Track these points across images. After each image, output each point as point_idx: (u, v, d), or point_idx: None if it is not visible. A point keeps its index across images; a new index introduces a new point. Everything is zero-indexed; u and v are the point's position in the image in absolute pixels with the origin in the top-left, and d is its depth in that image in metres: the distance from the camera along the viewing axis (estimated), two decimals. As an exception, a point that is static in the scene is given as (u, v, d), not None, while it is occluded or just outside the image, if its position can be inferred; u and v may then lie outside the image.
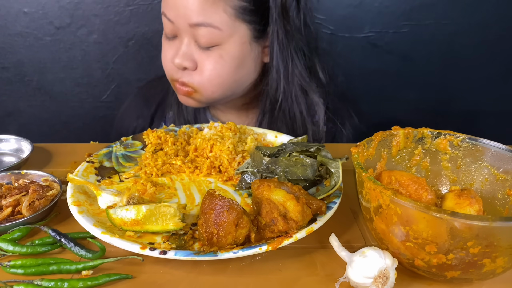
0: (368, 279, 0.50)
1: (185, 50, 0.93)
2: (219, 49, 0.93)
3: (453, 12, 1.47)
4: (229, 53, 0.94)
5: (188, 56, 0.93)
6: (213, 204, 0.56)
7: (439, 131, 0.66)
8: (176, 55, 0.94)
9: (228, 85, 0.98)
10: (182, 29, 0.91)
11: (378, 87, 1.54)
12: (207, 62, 0.93)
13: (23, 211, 0.62)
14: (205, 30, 0.89)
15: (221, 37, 0.91)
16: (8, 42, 1.41)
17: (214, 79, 0.95)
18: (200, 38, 0.90)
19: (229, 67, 0.95)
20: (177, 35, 0.94)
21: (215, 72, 0.94)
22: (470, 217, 0.47)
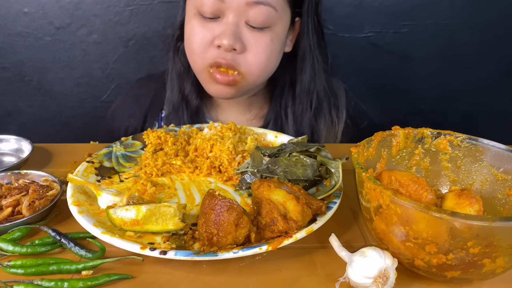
0: (368, 279, 0.50)
1: (233, 29, 0.88)
2: (270, 30, 0.91)
3: (453, 12, 1.47)
4: (278, 36, 0.93)
5: (238, 37, 0.88)
6: (213, 204, 0.56)
7: (439, 131, 0.66)
8: (222, 36, 0.88)
9: (269, 70, 0.97)
10: (233, 7, 0.87)
11: (378, 87, 1.54)
12: (259, 43, 0.90)
13: (23, 211, 0.62)
14: (264, 9, 0.87)
15: (275, 18, 0.90)
16: (8, 42, 1.40)
17: (263, 62, 0.92)
18: (255, 17, 0.87)
19: (276, 51, 0.94)
20: (220, 14, 0.89)
21: (264, 56, 0.91)
22: (470, 217, 0.47)
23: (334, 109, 1.10)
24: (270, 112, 1.08)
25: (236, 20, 0.88)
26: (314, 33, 1.01)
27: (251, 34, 0.89)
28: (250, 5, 0.86)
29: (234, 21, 0.88)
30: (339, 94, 1.12)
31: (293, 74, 1.05)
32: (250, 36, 0.89)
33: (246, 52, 0.90)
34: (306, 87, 1.04)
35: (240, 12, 0.87)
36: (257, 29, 0.89)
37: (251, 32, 0.89)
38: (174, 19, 1.09)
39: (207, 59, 0.92)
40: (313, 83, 1.04)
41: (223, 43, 0.88)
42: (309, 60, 1.02)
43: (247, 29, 0.89)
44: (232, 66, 0.90)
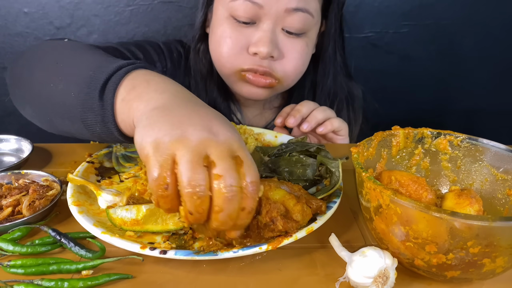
0: (368, 279, 0.50)
1: (270, 36, 0.86)
2: (305, 36, 0.91)
3: (453, 12, 1.47)
4: (312, 41, 0.94)
5: (275, 44, 0.88)
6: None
7: (439, 131, 0.66)
8: (259, 43, 0.86)
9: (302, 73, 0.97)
10: (272, 13, 0.85)
11: (378, 87, 1.54)
12: (295, 50, 0.89)
13: (23, 211, 0.62)
14: (302, 16, 0.87)
15: (311, 24, 0.90)
16: (8, 42, 1.40)
17: (299, 67, 0.92)
18: (294, 23, 0.87)
19: (309, 54, 0.94)
20: (256, 20, 0.87)
21: (301, 61, 0.92)
22: (470, 217, 0.47)
23: (352, 111, 1.12)
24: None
25: (273, 27, 0.87)
26: (339, 36, 1.03)
27: (287, 40, 0.89)
28: (289, 12, 0.85)
29: (271, 28, 0.87)
30: (357, 95, 1.14)
31: (314, 76, 1.05)
32: (286, 42, 0.89)
33: (283, 58, 0.90)
34: (327, 89, 1.05)
35: (278, 19, 0.86)
36: (293, 35, 0.89)
37: (287, 38, 0.89)
38: (175, 20, 1.09)
39: (238, 63, 0.90)
40: (334, 85, 1.06)
41: (260, 50, 0.86)
42: (332, 63, 1.04)
43: (283, 35, 0.88)
44: (268, 73, 0.90)
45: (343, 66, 1.08)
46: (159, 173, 0.45)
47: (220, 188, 0.45)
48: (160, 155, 0.45)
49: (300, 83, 1.04)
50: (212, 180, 0.45)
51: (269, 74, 0.90)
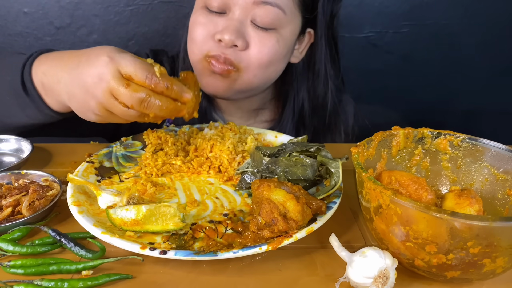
0: (368, 279, 0.50)
1: (237, 26, 0.87)
2: (276, 32, 0.89)
3: (453, 12, 1.47)
4: (284, 40, 0.91)
5: (241, 34, 0.87)
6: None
7: (439, 131, 0.66)
8: (224, 31, 0.86)
9: (269, 73, 0.95)
10: (241, 4, 0.86)
11: (378, 87, 1.54)
12: (263, 43, 0.88)
13: (23, 211, 0.62)
14: (271, 9, 0.86)
15: (282, 21, 0.89)
16: (8, 42, 1.40)
17: (264, 61, 0.90)
18: (261, 17, 0.86)
19: (280, 54, 0.92)
20: (226, 10, 0.88)
21: (267, 56, 0.90)
22: (470, 217, 0.47)
23: (343, 126, 1.11)
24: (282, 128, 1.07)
25: (241, 18, 0.87)
26: (327, 47, 1.01)
27: (255, 33, 0.88)
28: (257, 4, 0.86)
29: (239, 18, 0.87)
30: (348, 110, 1.13)
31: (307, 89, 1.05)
32: (254, 34, 0.88)
33: (249, 49, 0.89)
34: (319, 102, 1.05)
35: (247, 10, 0.87)
36: (262, 29, 0.88)
37: (255, 31, 0.88)
38: (175, 20, 1.09)
39: (204, 50, 0.91)
40: (327, 98, 1.04)
41: (224, 37, 0.86)
42: (322, 75, 1.02)
43: (252, 28, 0.88)
44: (230, 61, 0.89)
45: (335, 79, 1.07)
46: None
47: (138, 108, 0.66)
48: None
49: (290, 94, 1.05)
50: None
51: (229, 62, 0.89)
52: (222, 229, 0.62)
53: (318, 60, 1.01)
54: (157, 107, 0.66)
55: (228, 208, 0.67)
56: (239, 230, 0.61)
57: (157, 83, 0.65)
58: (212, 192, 0.72)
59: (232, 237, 0.60)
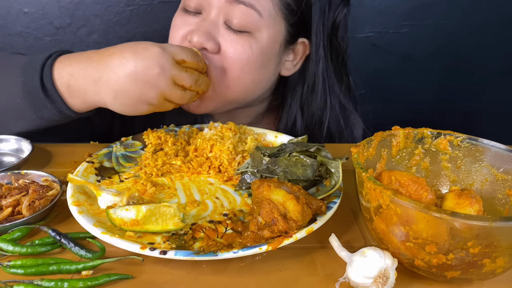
0: (368, 279, 0.50)
1: (208, 28, 0.83)
2: (250, 36, 0.83)
3: (453, 12, 1.47)
4: (259, 45, 0.84)
5: (211, 36, 0.83)
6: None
7: (439, 131, 0.66)
8: (194, 32, 0.83)
9: (246, 84, 0.88)
10: (214, 3, 0.83)
11: (378, 87, 1.54)
12: (235, 47, 0.83)
13: (23, 211, 0.62)
14: (245, 10, 0.81)
15: (258, 24, 0.83)
16: (8, 42, 1.40)
17: (234, 68, 0.84)
18: (235, 17, 0.81)
19: (255, 61, 0.85)
20: (202, 10, 0.85)
21: (239, 62, 0.83)
22: (470, 217, 0.47)
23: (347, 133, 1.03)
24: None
25: (214, 18, 0.83)
26: (326, 60, 0.93)
27: (228, 35, 0.83)
28: (230, 3, 0.82)
29: (212, 19, 0.83)
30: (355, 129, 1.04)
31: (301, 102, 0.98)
32: (227, 37, 0.83)
33: (219, 53, 0.84)
34: (317, 118, 0.98)
35: (221, 10, 0.83)
36: (235, 32, 0.83)
37: (228, 33, 0.83)
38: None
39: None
40: (324, 116, 0.97)
41: (193, 39, 0.82)
42: (319, 91, 0.95)
43: (225, 30, 0.83)
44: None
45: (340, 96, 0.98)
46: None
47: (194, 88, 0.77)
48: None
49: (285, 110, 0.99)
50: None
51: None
52: (222, 229, 0.62)
53: (312, 74, 0.94)
54: (206, 83, 0.79)
55: (228, 208, 0.67)
56: (239, 230, 0.61)
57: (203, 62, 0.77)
58: (212, 192, 0.72)
59: (232, 237, 0.60)
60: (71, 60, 0.75)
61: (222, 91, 0.87)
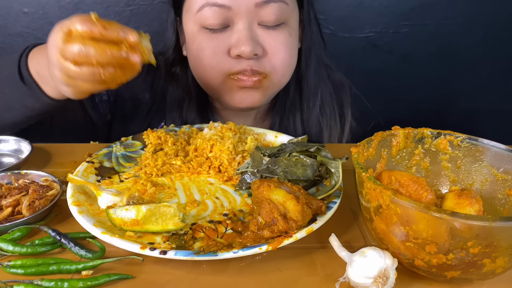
0: (368, 279, 0.50)
1: (249, 34, 0.84)
2: (285, 26, 0.88)
3: (453, 12, 1.47)
4: (294, 30, 0.90)
5: (256, 41, 0.85)
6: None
7: (439, 131, 0.66)
8: (240, 44, 0.83)
9: (293, 67, 0.94)
10: (242, 12, 0.83)
11: (378, 87, 1.54)
12: (277, 42, 0.86)
13: (23, 211, 0.62)
14: (275, 6, 0.84)
15: (288, 12, 0.87)
16: (8, 42, 1.40)
17: (286, 59, 0.89)
18: (268, 16, 0.84)
19: (295, 45, 0.92)
20: (229, 23, 0.85)
21: (288, 52, 0.89)
22: (470, 217, 0.47)
23: (339, 107, 1.07)
24: (276, 114, 1.04)
25: (248, 25, 0.84)
26: (314, 26, 0.99)
27: (267, 34, 0.86)
28: (259, 5, 0.83)
29: (247, 26, 0.84)
30: (344, 91, 1.09)
31: (298, 72, 1.01)
32: (267, 36, 0.86)
33: (268, 53, 0.87)
34: (313, 84, 1.02)
35: (251, 15, 0.84)
36: (272, 28, 0.86)
37: (267, 32, 0.86)
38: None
39: (224, 69, 0.87)
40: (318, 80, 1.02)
41: (242, 50, 0.83)
42: (314, 55, 1.00)
43: (262, 30, 0.86)
44: (257, 71, 0.87)
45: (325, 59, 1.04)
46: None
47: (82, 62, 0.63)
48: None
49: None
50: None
51: (257, 72, 0.87)
52: (222, 229, 0.62)
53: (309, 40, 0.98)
54: (95, 52, 0.60)
55: (228, 208, 0.67)
56: (239, 230, 0.61)
57: (92, 28, 0.61)
58: (212, 192, 0.72)
59: (232, 237, 0.60)
60: (40, 49, 0.78)
61: (278, 81, 0.92)
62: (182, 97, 1.01)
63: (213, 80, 0.90)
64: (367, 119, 1.14)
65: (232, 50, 0.85)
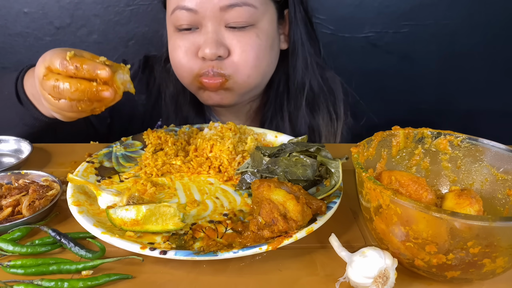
0: (368, 279, 0.50)
1: (214, 37, 0.87)
2: (254, 28, 0.89)
3: (453, 12, 1.47)
4: (264, 32, 0.90)
5: (220, 43, 0.87)
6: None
7: (439, 131, 0.66)
8: (204, 46, 0.87)
9: (263, 68, 0.94)
10: (208, 15, 0.86)
11: (378, 87, 1.54)
12: (243, 43, 0.88)
13: (23, 211, 0.62)
14: (241, 10, 0.85)
15: (256, 15, 0.88)
16: (8, 42, 1.40)
17: (251, 60, 0.90)
18: (234, 19, 0.86)
19: (265, 46, 0.91)
20: (198, 25, 0.88)
21: (253, 53, 0.89)
22: (470, 217, 0.47)
23: (331, 104, 1.08)
24: (267, 112, 1.05)
25: (214, 27, 0.87)
26: (303, 24, 0.99)
27: (233, 36, 0.88)
28: (224, 9, 0.85)
29: (213, 29, 0.87)
30: (335, 88, 1.10)
31: (287, 71, 1.02)
32: (233, 37, 0.88)
33: (232, 54, 0.88)
34: (300, 82, 1.02)
35: (217, 18, 0.86)
36: (238, 29, 0.87)
37: (233, 34, 0.87)
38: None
39: (193, 70, 0.91)
40: (306, 77, 1.02)
41: (205, 53, 0.87)
42: (300, 53, 1.00)
43: (228, 32, 0.87)
44: (219, 73, 0.89)
45: (315, 57, 1.04)
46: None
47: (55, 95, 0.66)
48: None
49: (274, 79, 1.02)
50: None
51: (219, 74, 0.89)
52: (222, 229, 0.62)
53: (295, 38, 0.99)
54: (67, 90, 0.64)
55: (228, 208, 0.67)
56: (239, 230, 0.61)
57: (66, 66, 0.64)
58: (212, 192, 0.72)
59: (232, 237, 0.60)
60: (33, 71, 0.78)
61: (244, 82, 0.92)
62: (177, 92, 1.04)
63: (184, 78, 0.95)
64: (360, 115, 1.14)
65: (199, 52, 0.88)
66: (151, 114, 1.08)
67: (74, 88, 0.64)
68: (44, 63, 0.66)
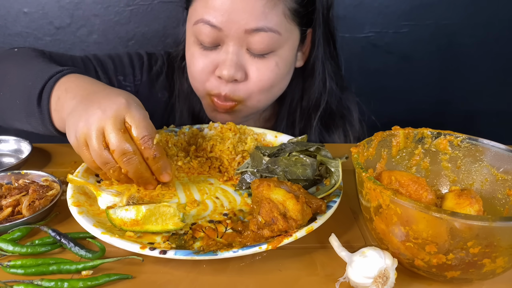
0: (368, 279, 0.50)
1: (234, 59, 0.84)
2: (274, 55, 0.86)
3: (453, 12, 1.47)
4: (284, 60, 0.88)
5: (239, 66, 0.85)
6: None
7: (439, 131, 0.66)
8: (222, 67, 0.85)
9: (275, 93, 0.92)
10: (232, 36, 0.83)
11: (378, 87, 1.54)
12: (261, 72, 0.86)
13: (23, 211, 0.62)
14: (265, 35, 0.82)
15: (279, 42, 0.85)
16: (8, 42, 1.40)
17: (265, 88, 0.88)
18: (256, 44, 0.83)
19: (282, 74, 0.89)
20: (220, 43, 0.85)
21: (268, 82, 0.87)
22: (470, 217, 0.47)
23: (348, 124, 1.07)
24: (277, 127, 1.04)
25: (236, 49, 0.84)
26: (326, 44, 0.97)
27: (253, 62, 0.85)
28: (249, 33, 0.82)
29: (235, 50, 0.84)
30: (352, 108, 1.09)
31: (301, 87, 1.01)
32: (252, 63, 0.85)
33: (248, 79, 0.87)
34: (314, 101, 1.01)
35: (240, 40, 0.84)
36: (258, 56, 0.85)
37: (253, 60, 0.85)
38: (175, 20, 1.08)
39: (206, 87, 0.89)
40: (322, 98, 1.00)
41: (223, 74, 0.84)
42: (319, 73, 0.98)
43: (249, 57, 0.85)
44: (230, 98, 0.88)
45: (334, 76, 1.02)
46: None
47: (118, 158, 0.62)
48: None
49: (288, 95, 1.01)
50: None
51: (230, 99, 0.88)
52: (222, 228, 0.62)
53: (315, 59, 0.97)
54: (134, 167, 0.63)
55: (228, 208, 0.67)
56: (239, 230, 0.61)
57: (149, 148, 0.63)
58: (212, 192, 0.72)
59: (232, 236, 0.60)
60: (77, 78, 0.74)
61: (253, 106, 0.91)
62: (191, 90, 1.02)
63: (198, 91, 0.95)
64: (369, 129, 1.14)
65: (216, 70, 0.87)
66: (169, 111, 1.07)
67: (141, 172, 0.64)
68: (127, 116, 0.62)
